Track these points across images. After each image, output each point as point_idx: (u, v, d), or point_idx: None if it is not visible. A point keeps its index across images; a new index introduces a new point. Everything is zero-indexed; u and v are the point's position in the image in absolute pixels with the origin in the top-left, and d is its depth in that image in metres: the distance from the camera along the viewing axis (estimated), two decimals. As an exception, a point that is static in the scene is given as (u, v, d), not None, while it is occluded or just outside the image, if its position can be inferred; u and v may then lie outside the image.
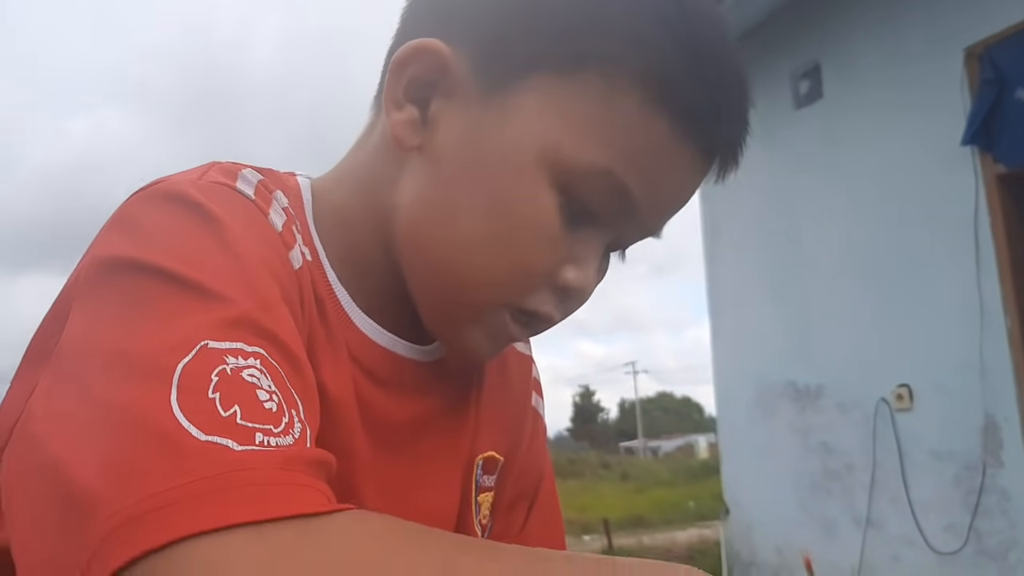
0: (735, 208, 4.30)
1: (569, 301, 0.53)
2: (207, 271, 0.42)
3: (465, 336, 0.54)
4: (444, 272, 0.52)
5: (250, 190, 0.50)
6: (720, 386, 4.31)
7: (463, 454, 0.61)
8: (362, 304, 0.55)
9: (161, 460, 0.35)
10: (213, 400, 0.37)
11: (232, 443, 0.36)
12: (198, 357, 0.38)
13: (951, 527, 3.16)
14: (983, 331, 3.05)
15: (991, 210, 3.07)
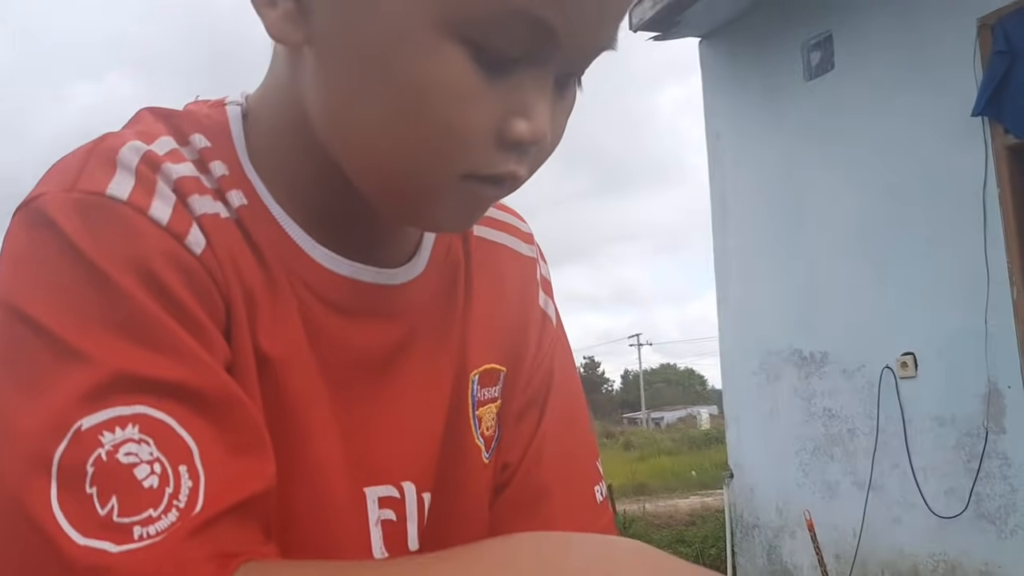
0: (743, 179, 4.33)
1: (529, 153, 0.48)
2: (74, 325, 0.42)
3: (435, 218, 0.51)
4: (379, 165, 0.48)
5: (127, 185, 0.46)
6: (726, 353, 4.37)
7: (448, 374, 0.59)
8: (315, 234, 0.53)
9: (43, 564, 0.37)
10: (91, 496, 0.38)
11: (110, 545, 0.37)
12: (73, 442, 0.39)
13: (952, 491, 3.23)
14: (988, 300, 3.10)
15: (1000, 181, 3.10)
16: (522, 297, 0.65)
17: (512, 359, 0.63)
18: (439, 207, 0.49)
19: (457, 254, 0.61)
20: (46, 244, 0.44)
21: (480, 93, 0.45)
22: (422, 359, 0.57)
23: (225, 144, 0.52)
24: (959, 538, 3.20)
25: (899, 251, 3.48)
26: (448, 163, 0.46)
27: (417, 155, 0.46)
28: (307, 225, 0.53)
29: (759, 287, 4.18)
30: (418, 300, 0.57)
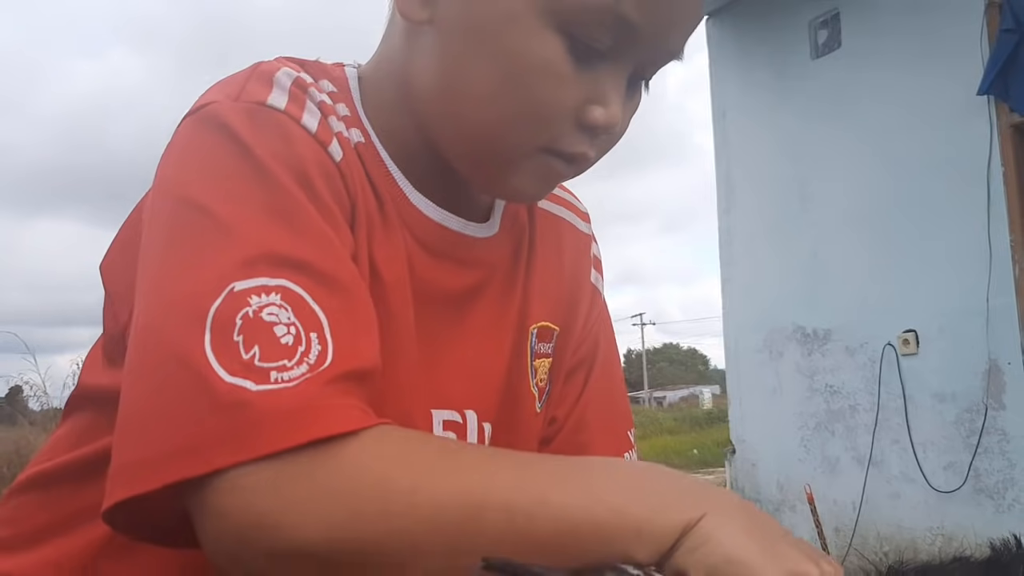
0: (749, 157, 4.35)
1: (600, 138, 0.56)
2: (236, 208, 0.48)
3: (512, 187, 0.58)
4: (472, 134, 0.56)
5: (283, 98, 0.54)
6: (729, 331, 4.41)
7: (512, 323, 0.66)
8: (414, 182, 0.60)
9: (195, 397, 0.43)
10: (237, 343, 0.44)
11: (250, 384, 0.43)
12: (226, 300, 0.45)
13: (951, 466, 3.28)
14: (991, 278, 3.13)
15: (1004, 159, 3.12)
16: (576, 268, 0.73)
17: (565, 321, 0.71)
18: (518, 176, 0.57)
19: (523, 221, 0.69)
20: (214, 140, 0.51)
21: (569, 78, 0.52)
22: (491, 306, 0.64)
23: (345, 94, 0.60)
24: (957, 512, 3.25)
25: (903, 229, 3.51)
26: (533, 136, 0.54)
27: (509, 126, 0.54)
28: (408, 173, 0.60)
29: (763, 265, 4.21)
30: (491, 255, 0.65)
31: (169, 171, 0.52)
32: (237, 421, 0.43)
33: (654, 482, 0.46)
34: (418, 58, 0.57)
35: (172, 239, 0.49)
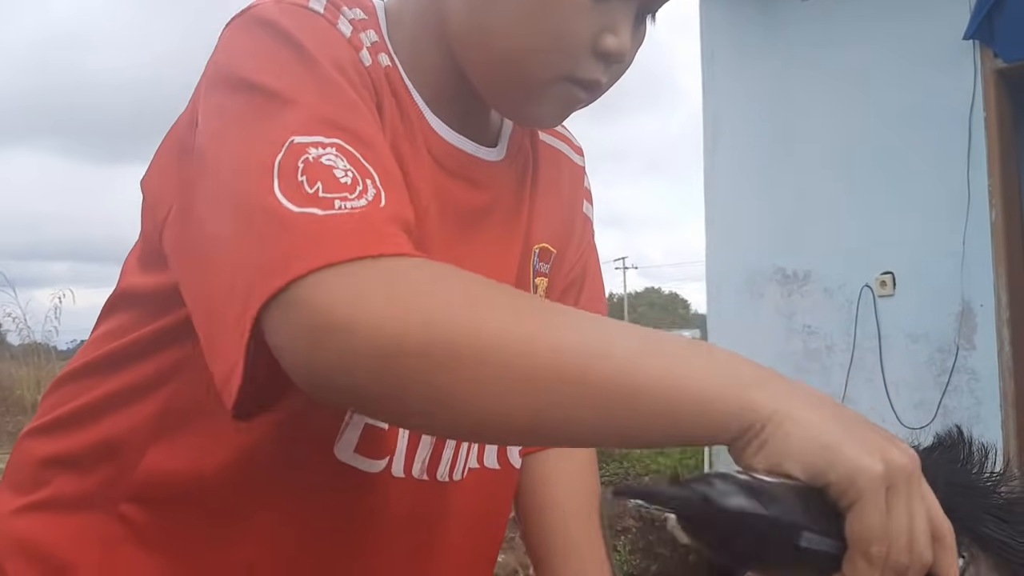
0: (736, 99, 4.36)
1: (612, 67, 0.62)
2: (289, 83, 0.54)
3: (534, 113, 0.64)
4: (500, 60, 0.61)
5: (321, 6, 0.59)
6: (712, 272, 4.47)
7: (518, 242, 0.72)
8: (433, 107, 0.65)
9: (269, 231, 0.48)
10: (301, 183, 0.48)
11: (317, 211, 0.47)
12: (288, 152, 0.50)
13: (921, 404, 3.39)
14: (968, 222, 3.19)
15: (987, 104, 3.17)
16: (572, 198, 0.81)
17: (562, 245, 0.77)
18: (541, 103, 0.63)
19: (527, 151, 0.75)
20: (262, 32, 0.57)
21: (586, 9, 0.58)
22: (499, 226, 0.70)
23: (374, 22, 0.64)
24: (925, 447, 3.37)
25: (885, 172, 3.56)
26: (555, 65, 0.60)
27: (534, 56, 0.60)
28: (428, 99, 0.65)
29: (746, 207, 4.26)
30: (499, 178, 0.70)
31: (220, 65, 0.57)
32: (309, 237, 0.46)
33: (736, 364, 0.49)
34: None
35: (231, 116, 0.54)
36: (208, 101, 0.57)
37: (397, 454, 0.63)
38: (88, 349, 0.67)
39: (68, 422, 0.66)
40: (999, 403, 3.14)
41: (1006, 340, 3.13)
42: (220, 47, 0.59)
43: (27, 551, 0.63)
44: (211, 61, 0.59)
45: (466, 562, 0.71)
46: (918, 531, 0.44)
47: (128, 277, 0.67)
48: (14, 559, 0.63)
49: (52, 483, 0.64)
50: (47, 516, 0.64)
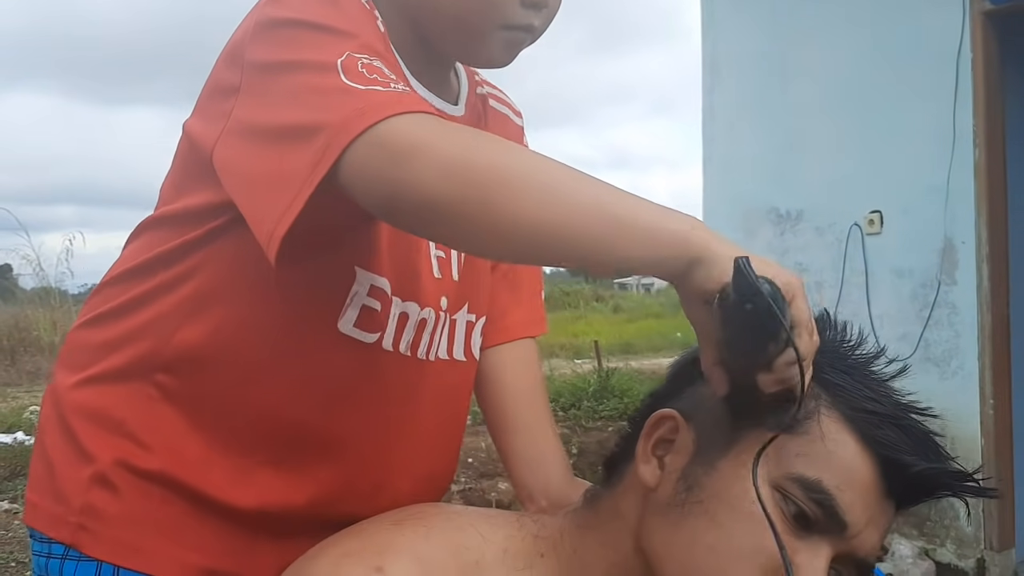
0: (734, 41, 4.42)
1: (541, 12, 0.78)
2: (340, 23, 0.69)
3: (485, 56, 0.81)
4: (446, 18, 0.77)
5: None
6: (708, 211, 4.58)
7: None
8: (413, 70, 0.81)
9: (345, 98, 0.63)
10: (361, 73, 0.65)
11: (379, 88, 0.64)
12: (347, 59, 0.65)
13: (904, 337, 3.53)
14: (952, 161, 3.29)
15: (974, 45, 3.24)
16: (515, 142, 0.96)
17: None
18: (487, 47, 0.79)
19: (479, 109, 0.92)
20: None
21: None
22: None
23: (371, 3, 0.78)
24: (906, 378, 3.52)
25: (876, 111, 3.64)
26: (490, 17, 0.76)
27: (470, 11, 0.76)
28: (407, 62, 0.80)
29: (742, 146, 4.35)
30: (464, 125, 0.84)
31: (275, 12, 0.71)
32: (379, 99, 0.63)
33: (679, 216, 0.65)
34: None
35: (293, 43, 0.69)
36: (263, 37, 0.71)
37: (387, 331, 0.80)
38: (123, 261, 0.83)
39: (110, 315, 0.82)
40: (977, 336, 3.28)
41: (985, 276, 3.25)
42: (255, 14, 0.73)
43: (87, 413, 0.80)
44: (257, 10, 0.73)
45: (433, 434, 0.87)
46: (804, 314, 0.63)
47: (162, 205, 0.83)
48: (78, 419, 0.80)
49: (101, 362, 0.81)
50: (99, 386, 0.80)
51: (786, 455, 0.69)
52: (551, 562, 0.77)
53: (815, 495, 0.68)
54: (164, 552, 0.77)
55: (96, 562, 0.76)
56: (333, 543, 0.76)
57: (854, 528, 0.69)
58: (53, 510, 0.79)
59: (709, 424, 0.74)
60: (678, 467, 0.74)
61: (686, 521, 0.71)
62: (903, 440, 0.70)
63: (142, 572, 0.77)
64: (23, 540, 3.50)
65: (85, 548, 0.77)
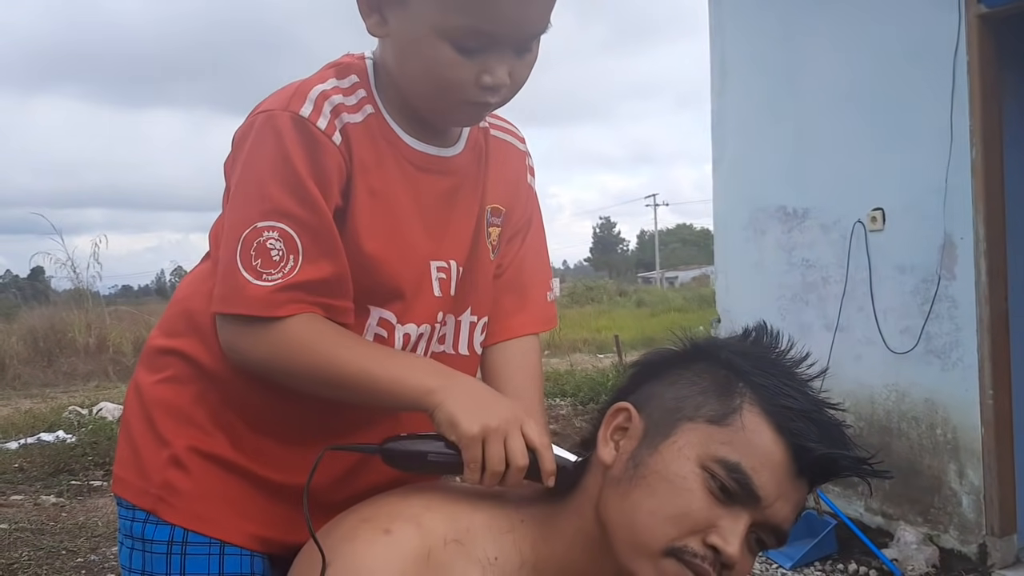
0: (742, 44, 4.54)
1: (499, 92, 0.92)
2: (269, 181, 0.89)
3: (456, 121, 1.00)
4: (418, 95, 0.94)
5: (309, 109, 0.91)
6: (719, 210, 4.72)
7: (476, 206, 1.06)
8: (406, 129, 0.98)
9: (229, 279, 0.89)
10: (251, 256, 0.88)
11: (251, 277, 0.88)
12: (250, 232, 0.88)
13: (906, 330, 3.65)
14: (950, 160, 3.40)
15: (969, 48, 3.34)
16: (516, 173, 1.14)
17: (509, 204, 1.11)
18: (456, 116, 0.97)
19: (481, 144, 1.08)
20: (267, 139, 0.91)
21: (460, 64, 0.89)
22: (465, 197, 1.04)
23: (364, 81, 0.97)
24: (909, 370, 3.65)
25: (878, 113, 3.76)
26: (451, 98, 0.93)
27: (435, 93, 0.93)
28: (402, 124, 0.98)
29: (751, 147, 4.48)
30: (459, 166, 1.03)
31: (245, 148, 0.93)
32: (236, 295, 0.88)
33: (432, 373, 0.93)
34: (387, 54, 0.97)
35: (237, 189, 0.93)
36: (234, 165, 0.93)
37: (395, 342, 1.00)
38: (195, 281, 1.04)
39: (181, 333, 1.00)
40: (976, 328, 3.39)
41: (983, 271, 3.36)
42: (244, 136, 0.93)
43: (164, 407, 1.00)
44: (240, 139, 0.94)
45: None
46: (513, 452, 0.89)
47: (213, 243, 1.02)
48: (158, 411, 1.00)
49: (173, 368, 1.01)
50: (173, 386, 1.01)
51: (713, 442, 0.87)
52: (529, 527, 0.94)
53: (735, 475, 0.85)
54: (226, 521, 0.97)
55: (171, 526, 0.96)
56: (353, 511, 0.94)
57: (767, 501, 0.86)
58: (138, 484, 0.99)
59: (656, 416, 0.91)
60: (629, 449, 0.91)
61: (633, 492, 0.88)
62: (812, 430, 0.87)
63: (208, 536, 0.96)
64: (70, 530, 3.72)
65: (163, 515, 0.97)
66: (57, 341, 10.08)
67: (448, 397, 0.89)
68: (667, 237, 65.60)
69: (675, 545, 0.86)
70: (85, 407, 6.33)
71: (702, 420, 0.89)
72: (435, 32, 0.87)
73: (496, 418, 0.88)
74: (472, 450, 0.88)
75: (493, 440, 0.88)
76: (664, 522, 0.86)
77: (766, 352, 0.95)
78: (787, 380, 0.91)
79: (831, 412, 0.91)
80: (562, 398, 7.03)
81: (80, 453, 4.97)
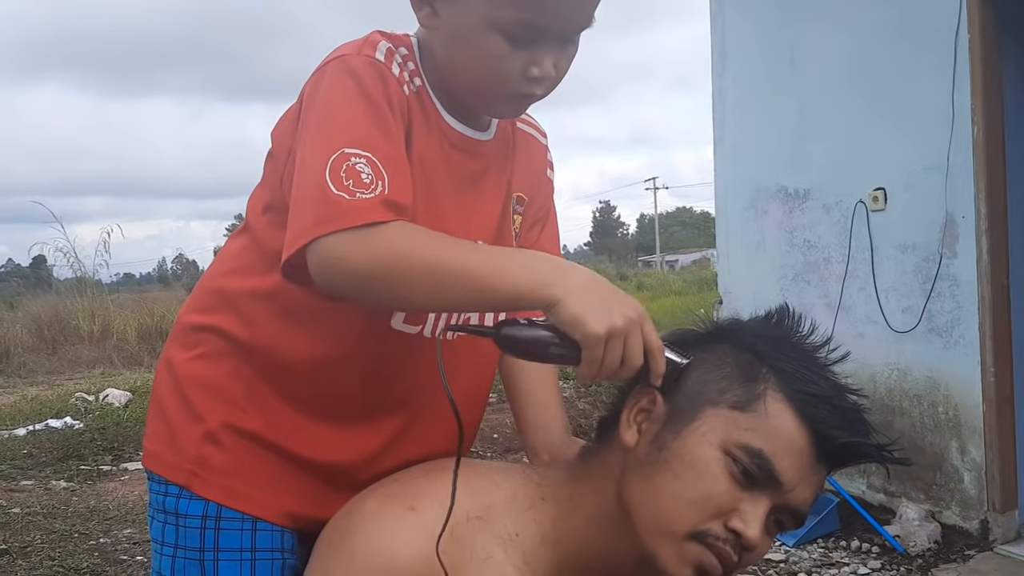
0: (741, 27, 4.54)
1: (544, 83, 0.95)
2: (351, 114, 0.89)
3: (498, 112, 1.03)
4: (464, 84, 0.97)
5: (382, 56, 0.94)
6: (720, 191, 4.73)
7: (503, 191, 1.09)
8: (447, 108, 1.01)
9: (318, 200, 0.85)
10: (341, 177, 0.85)
11: (345, 195, 0.85)
12: (338, 157, 0.86)
13: (908, 309, 3.67)
14: (952, 139, 3.41)
15: (971, 27, 3.35)
16: (538, 165, 1.18)
17: (531, 193, 1.16)
18: (499, 107, 1.01)
19: (509, 134, 1.12)
20: (345, 78, 0.93)
21: (510, 56, 0.92)
22: (493, 181, 1.08)
23: (412, 56, 1.00)
24: (911, 349, 3.67)
25: (879, 92, 3.77)
26: (498, 89, 0.95)
27: (484, 84, 0.96)
28: (442, 103, 1.01)
29: (752, 128, 4.49)
30: (490, 151, 1.07)
31: (321, 88, 0.94)
32: (333, 212, 0.85)
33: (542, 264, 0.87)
34: (435, 44, 0.99)
35: (318, 124, 0.90)
36: (308, 108, 0.93)
37: (427, 324, 1.01)
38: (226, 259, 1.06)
39: (214, 308, 1.04)
40: (977, 306, 3.41)
41: (984, 249, 3.38)
42: (318, 80, 0.93)
43: (199, 383, 1.02)
44: (313, 85, 0.94)
45: (466, 393, 1.07)
46: (632, 353, 0.85)
47: (251, 213, 1.04)
48: (192, 387, 1.02)
49: (207, 344, 1.03)
50: (208, 362, 1.02)
51: (736, 428, 0.89)
52: (550, 505, 0.96)
53: (757, 461, 0.88)
54: (259, 497, 0.99)
55: (205, 502, 0.98)
56: (378, 488, 0.96)
57: (788, 486, 0.89)
58: (171, 459, 1.01)
59: (678, 399, 0.94)
60: (652, 432, 0.93)
61: (656, 475, 0.90)
62: (833, 417, 0.89)
63: (241, 511, 0.98)
64: (82, 514, 3.76)
65: (197, 490, 0.99)
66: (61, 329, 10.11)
67: (569, 293, 0.84)
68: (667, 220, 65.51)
69: (698, 529, 0.88)
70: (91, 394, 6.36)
71: (725, 406, 0.91)
72: (487, 23, 0.90)
73: (621, 318, 0.84)
74: (595, 350, 0.84)
75: (616, 341, 0.84)
76: (687, 506, 0.88)
77: (788, 335, 0.97)
78: (810, 365, 0.93)
79: (853, 398, 0.93)
80: (564, 381, 7.07)
81: (88, 439, 5.00)
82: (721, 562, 0.88)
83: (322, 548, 0.94)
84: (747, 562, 0.90)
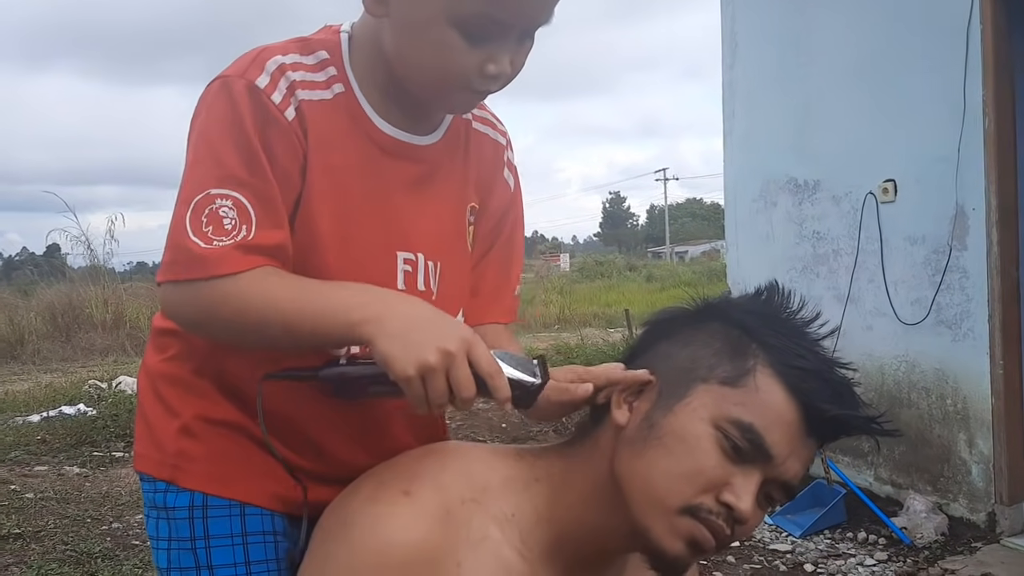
0: (753, 14, 4.53)
1: (499, 79, 0.91)
2: (223, 148, 0.89)
3: (451, 107, 1.00)
4: (419, 79, 0.93)
5: (265, 80, 0.91)
6: (729, 182, 4.73)
7: (453, 198, 1.06)
8: (382, 112, 0.97)
9: (177, 242, 0.87)
10: (202, 222, 0.86)
11: (201, 243, 0.86)
12: (202, 198, 0.87)
13: (917, 301, 3.67)
14: (963, 130, 3.40)
15: (983, 18, 3.33)
16: (493, 168, 1.13)
17: (483, 200, 1.11)
18: (452, 102, 0.97)
19: (461, 135, 1.08)
20: (223, 104, 0.91)
21: (466, 52, 0.89)
22: (438, 187, 1.04)
23: (336, 57, 0.97)
24: (920, 341, 3.67)
25: (889, 84, 3.75)
26: (453, 84, 0.92)
27: (438, 80, 0.92)
28: (376, 107, 0.97)
29: (762, 119, 4.48)
30: (433, 155, 1.03)
31: (202, 112, 0.93)
32: (181, 259, 0.88)
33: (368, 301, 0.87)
34: (384, 35, 0.94)
35: (194, 155, 0.92)
36: (192, 128, 0.93)
37: None
38: None
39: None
40: (987, 299, 3.40)
41: (994, 241, 3.37)
42: (204, 99, 0.93)
43: (171, 380, 1.03)
44: (200, 103, 0.94)
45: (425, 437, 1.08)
46: (459, 384, 0.83)
47: None
48: (165, 385, 1.03)
49: (176, 346, 1.04)
50: (178, 362, 1.03)
51: (727, 403, 0.90)
52: (544, 485, 0.97)
53: (748, 435, 0.89)
54: (244, 482, 1.00)
55: (190, 492, 0.99)
56: (371, 474, 0.97)
57: (779, 459, 0.90)
58: (155, 456, 1.02)
59: (669, 376, 0.95)
60: (644, 410, 0.95)
61: (647, 451, 0.92)
62: (823, 390, 0.90)
63: (227, 497, 0.99)
64: (95, 499, 3.81)
65: (181, 482, 1.00)
66: (75, 317, 10.18)
67: (381, 333, 0.83)
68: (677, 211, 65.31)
69: (690, 503, 0.89)
70: (104, 381, 6.41)
71: (715, 382, 0.92)
72: (444, 18, 0.87)
73: (435, 353, 0.82)
74: (412, 388, 0.83)
75: (434, 376, 0.82)
76: (679, 481, 0.89)
77: (777, 311, 0.97)
78: (799, 339, 0.94)
79: (842, 371, 0.94)
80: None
81: (101, 425, 5.05)
82: (714, 535, 0.89)
83: (320, 536, 0.95)
84: (739, 535, 0.91)
